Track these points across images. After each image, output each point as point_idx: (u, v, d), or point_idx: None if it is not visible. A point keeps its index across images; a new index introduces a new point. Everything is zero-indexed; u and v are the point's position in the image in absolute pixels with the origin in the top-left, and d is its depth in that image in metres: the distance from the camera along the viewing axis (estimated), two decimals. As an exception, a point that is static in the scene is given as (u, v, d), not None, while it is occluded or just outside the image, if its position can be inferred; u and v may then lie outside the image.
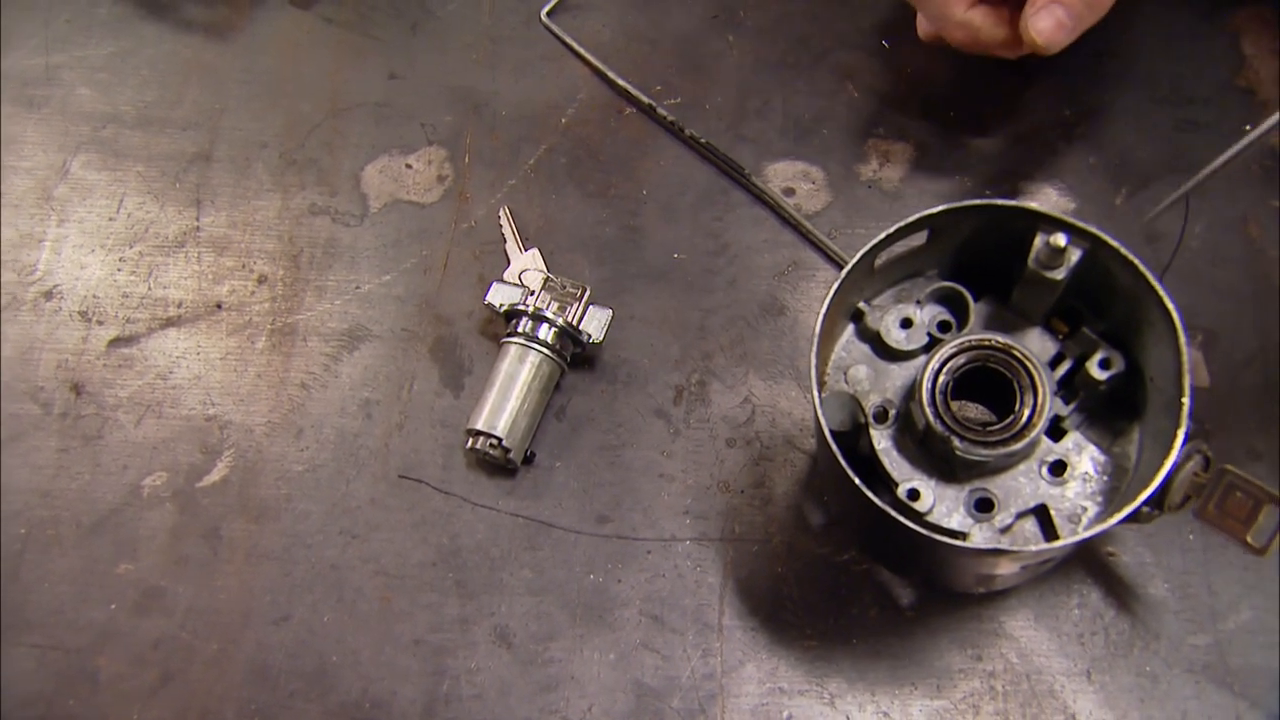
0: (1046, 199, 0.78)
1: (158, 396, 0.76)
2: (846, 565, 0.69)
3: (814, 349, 0.56)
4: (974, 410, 0.67)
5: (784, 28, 0.85)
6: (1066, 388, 0.61)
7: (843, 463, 0.54)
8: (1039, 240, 0.58)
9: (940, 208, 0.58)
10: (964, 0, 0.68)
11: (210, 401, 0.76)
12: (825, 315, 0.57)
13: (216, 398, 0.76)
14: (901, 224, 0.58)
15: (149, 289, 0.79)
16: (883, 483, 0.61)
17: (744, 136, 0.81)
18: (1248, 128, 0.78)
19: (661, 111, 0.82)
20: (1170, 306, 0.55)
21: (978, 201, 0.59)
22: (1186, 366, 0.54)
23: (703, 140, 0.80)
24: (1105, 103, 0.80)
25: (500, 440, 0.70)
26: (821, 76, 0.83)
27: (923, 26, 0.77)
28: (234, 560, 0.71)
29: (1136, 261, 0.56)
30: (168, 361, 0.77)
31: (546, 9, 0.87)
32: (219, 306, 0.79)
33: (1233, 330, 0.73)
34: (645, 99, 0.82)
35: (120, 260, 0.81)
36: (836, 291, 0.57)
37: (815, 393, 0.56)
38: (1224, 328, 0.73)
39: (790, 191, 0.79)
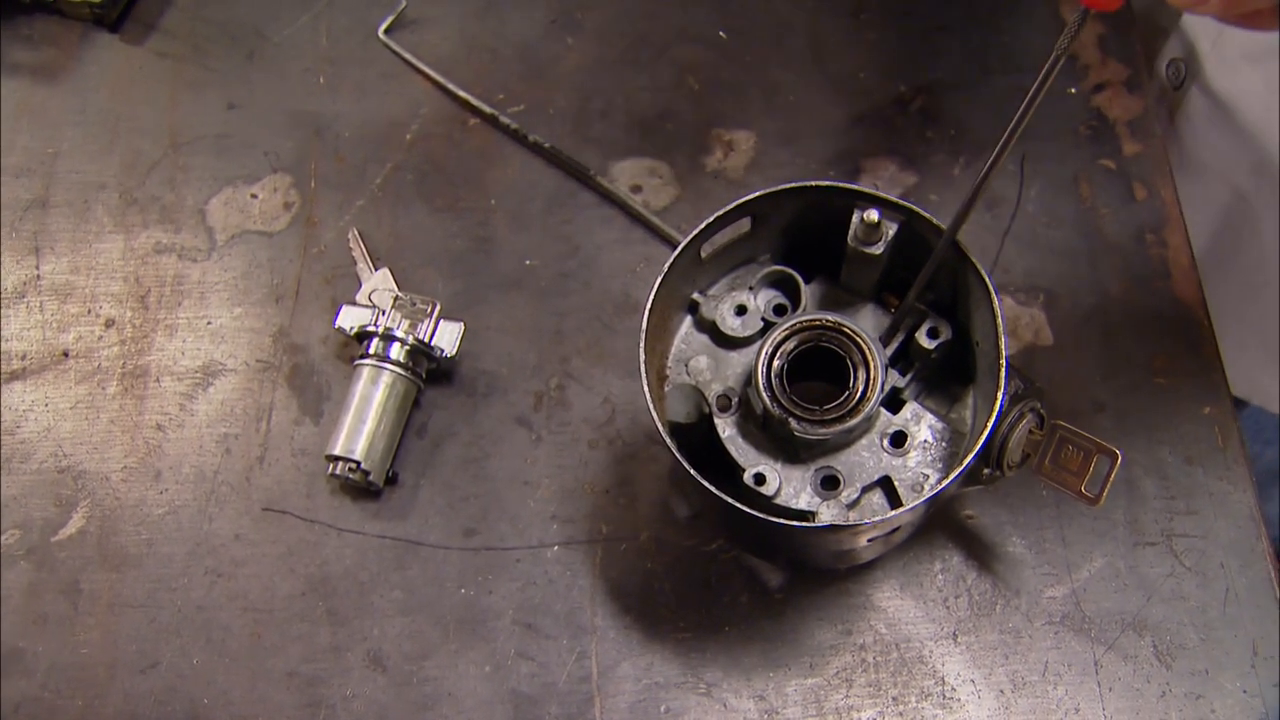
0: (887, 174, 0.79)
1: (5, 453, 0.74)
2: (714, 555, 0.69)
3: (641, 343, 0.56)
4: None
5: (622, 27, 0.86)
6: (902, 360, 0.62)
7: (677, 454, 0.55)
8: (855, 217, 0.58)
9: (755, 193, 0.59)
10: None
11: (62, 453, 0.74)
12: (650, 309, 0.57)
13: (68, 448, 0.74)
14: (719, 213, 0.59)
15: (-10, 343, 0.77)
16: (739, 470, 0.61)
17: (589, 138, 0.82)
18: (1072, 90, 0.81)
19: (505, 120, 0.81)
20: (981, 269, 0.56)
21: (792, 184, 0.59)
22: (1002, 328, 0.55)
23: (547, 145, 0.80)
24: (938, 77, 0.82)
25: (359, 463, 0.69)
26: (662, 72, 0.84)
27: None
28: (95, 612, 0.69)
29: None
30: (14, 416, 0.75)
31: (384, 26, 0.86)
32: (66, 355, 0.77)
33: (1072, 288, 0.75)
34: (488, 109, 0.82)
35: (-42, 317, 0.78)
36: (661, 284, 0.58)
37: (645, 387, 0.56)
38: (1063, 286, 0.75)
39: (638, 189, 0.80)
